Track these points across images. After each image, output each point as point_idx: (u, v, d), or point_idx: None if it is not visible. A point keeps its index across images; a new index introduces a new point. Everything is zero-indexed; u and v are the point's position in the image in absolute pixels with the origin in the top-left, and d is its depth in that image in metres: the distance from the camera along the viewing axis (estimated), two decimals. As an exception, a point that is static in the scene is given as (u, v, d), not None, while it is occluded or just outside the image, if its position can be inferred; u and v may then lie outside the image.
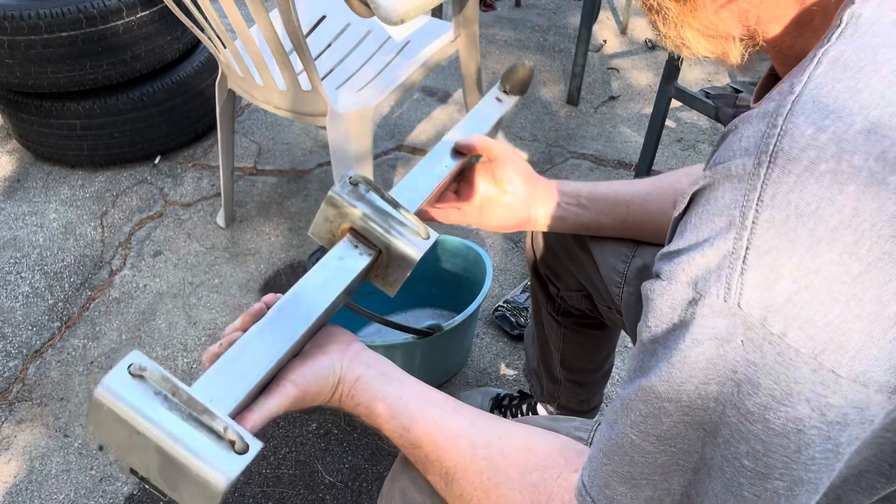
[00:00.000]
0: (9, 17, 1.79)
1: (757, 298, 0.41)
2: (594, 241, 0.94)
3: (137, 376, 0.49)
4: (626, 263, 0.90)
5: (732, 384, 0.43)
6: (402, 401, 0.63)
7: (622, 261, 0.90)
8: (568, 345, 1.14)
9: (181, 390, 0.49)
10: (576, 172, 2.15)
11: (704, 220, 0.45)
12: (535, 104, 2.47)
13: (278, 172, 2.16)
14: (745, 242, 0.42)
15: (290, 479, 1.36)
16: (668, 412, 0.45)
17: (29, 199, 2.05)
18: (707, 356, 0.43)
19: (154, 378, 0.49)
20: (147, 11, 1.93)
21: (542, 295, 1.11)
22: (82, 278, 1.80)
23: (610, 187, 0.89)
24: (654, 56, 2.75)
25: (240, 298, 1.74)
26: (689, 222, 0.46)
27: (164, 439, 0.47)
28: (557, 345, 1.15)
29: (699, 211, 0.46)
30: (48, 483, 1.36)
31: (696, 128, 2.36)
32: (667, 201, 0.85)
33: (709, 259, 0.43)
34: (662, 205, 0.85)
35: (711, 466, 0.45)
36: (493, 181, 0.86)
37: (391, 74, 1.58)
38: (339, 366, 0.63)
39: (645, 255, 0.88)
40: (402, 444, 0.63)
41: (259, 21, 1.30)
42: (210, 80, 2.17)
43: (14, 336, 1.65)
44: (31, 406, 1.50)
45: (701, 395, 0.44)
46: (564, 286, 1.05)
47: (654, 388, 0.46)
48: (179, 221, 1.97)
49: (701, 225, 0.45)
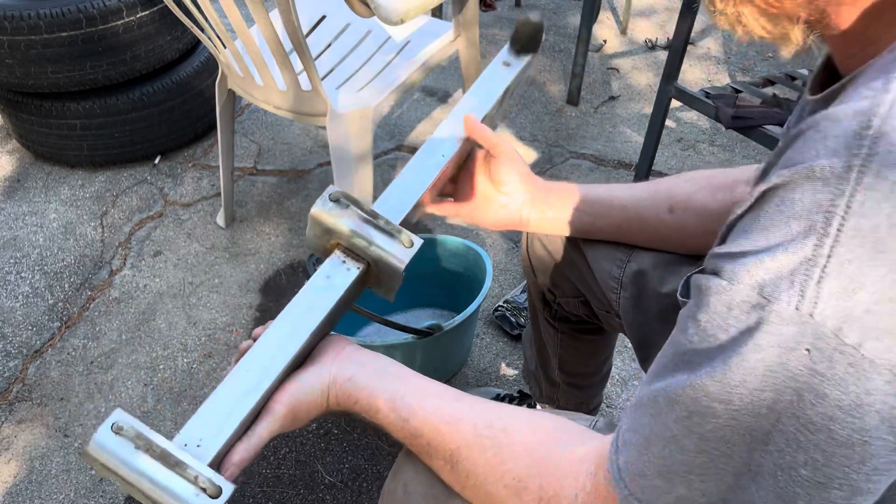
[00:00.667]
0: (9, 17, 1.79)
1: (833, 308, 0.40)
2: (589, 245, 0.93)
3: (119, 433, 0.56)
4: (620, 269, 0.89)
5: (792, 393, 0.41)
6: (400, 394, 0.63)
7: (617, 266, 0.90)
8: (566, 350, 1.14)
9: (155, 445, 0.56)
10: (576, 172, 2.15)
11: (777, 222, 0.43)
12: (535, 104, 2.47)
13: (278, 172, 2.16)
14: (826, 250, 0.40)
15: (290, 479, 1.36)
16: (717, 413, 0.44)
17: (29, 199, 2.05)
18: (767, 363, 0.42)
19: (131, 436, 0.56)
20: (147, 11, 1.93)
21: (538, 301, 1.10)
22: (82, 278, 1.80)
23: (606, 191, 0.88)
24: (654, 56, 2.76)
25: (240, 298, 1.74)
26: (758, 223, 0.44)
27: (146, 486, 0.55)
28: (555, 350, 1.14)
29: (770, 212, 0.43)
30: (48, 483, 1.36)
31: (696, 128, 2.36)
32: (661, 207, 0.84)
33: (780, 264, 0.41)
34: (657, 210, 0.84)
35: (760, 473, 0.44)
36: (490, 179, 0.86)
37: (391, 74, 1.58)
38: (326, 371, 0.64)
39: (640, 260, 0.88)
40: (403, 436, 0.63)
41: (259, 21, 1.30)
42: (210, 80, 2.17)
43: (14, 336, 1.65)
44: (31, 406, 1.50)
45: (754, 402, 0.42)
46: (561, 292, 1.04)
47: (705, 387, 0.44)
48: (179, 221, 1.97)
49: (773, 227, 0.43)
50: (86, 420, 1.47)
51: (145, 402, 1.51)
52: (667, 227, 0.84)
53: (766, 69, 2.67)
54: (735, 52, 2.79)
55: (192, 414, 0.59)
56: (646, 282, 0.86)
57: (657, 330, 0.86)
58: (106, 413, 1.48)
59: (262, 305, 1.72)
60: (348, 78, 1.60)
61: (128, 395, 1.52)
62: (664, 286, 0.84)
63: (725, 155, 2.24)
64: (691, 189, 0.83)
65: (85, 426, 1.46)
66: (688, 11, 1.70)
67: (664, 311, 0.85)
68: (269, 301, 1.73)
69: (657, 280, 0.85)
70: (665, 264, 0.86)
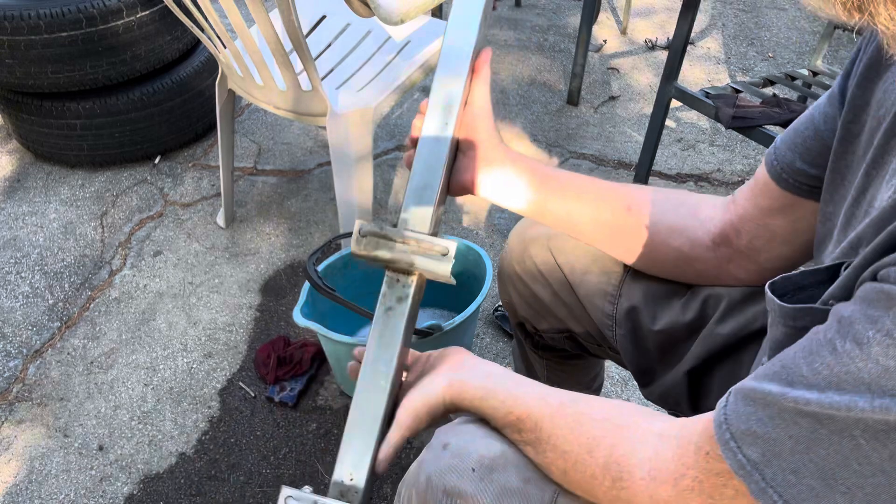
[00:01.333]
0: (9, 17, 1.79)
1: None
2: (577, 282, 0.91)
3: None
4: (612, 305, 0.88)
5: None
6: (500, 385, 0.68)
7: (609, 302, 0.88)
8: (552, 372, 1.12)
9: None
10: (576, 172, 2.15)
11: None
12: (535, 104, 2.47)
13: (278, 172, 2.16)
14: None
15: (290, 479, 1.36)
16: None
17: (29, 199, 2.06)
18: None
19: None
20: (147, 11, 1.93)
21: (520, 332, 1.08)
22: (82, 278, 1.80)
23: (567, 175, 0.84)
24: (654, 56, 2.76)
25: (240, 298, 1.74)
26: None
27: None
28: (542, 373, 1.13)
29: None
30: (48, 483, 1.36)
31: (696, 128, 2.36)
32: (620, 203, 0.81)
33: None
34: (615, 206, 0.81)
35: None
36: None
37: (391, 74, 1.58)
38: (442, 378, 0.70)
39: (630, 295, 0.86)
40: (499, 416, 0.67)
41: (259, 21, 1.30)
42: (210, 80, 2.17)
43: (14, 336, 1.65)
44: (31, 406, 1.50)
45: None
46: (545, 328, 1.01)
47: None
48: (179, 221, 1.97)
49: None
50: (86, 420, 1.47)
51: (145, 402, 1.51)
52: (622, 228, 0.81)
53: (766, 69, 2.67)
54: (735, 52, 2.79)
55: (337, 448, 0.68)
56: (639, 319, 0.86)
57: (657, 359, 0.87)
58: (107, 413, 1.48)
59: (262, 305, 1.72)
60: (348, 78, 1.60)
61: (128, 395, 1.52)
62: (656, 323, 0.84)
63: (725, 155, 2.24)
64: (654, 197, 0.81)
65: (85, 426, 1.46)
66: (688, 11, 1.70)
67: (661, 345, 0.85)
68: (269, 301, 1.73)
69: (649, 318, 0.85)
70: (655, 299, 0.85)
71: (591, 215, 0.82)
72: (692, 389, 0.84)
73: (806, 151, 0.67)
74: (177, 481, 1.36)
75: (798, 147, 0.67)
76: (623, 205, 0.81)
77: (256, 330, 1.66)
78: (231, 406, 1.50)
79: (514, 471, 0.65)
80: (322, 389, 1.53)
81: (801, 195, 0.69)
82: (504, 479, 0.64)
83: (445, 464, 0.67)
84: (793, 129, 0.69)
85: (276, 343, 1.58)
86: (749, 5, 3.13)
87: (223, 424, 1.46)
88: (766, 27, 2.96)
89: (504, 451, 0.66)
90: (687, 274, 0.83)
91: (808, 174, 0.67)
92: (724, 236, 0.77)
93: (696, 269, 0.81)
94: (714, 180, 2.14)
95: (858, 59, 0.61)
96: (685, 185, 2.11)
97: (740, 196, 0.76)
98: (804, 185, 0.68)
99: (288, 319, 1.68)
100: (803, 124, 0.68)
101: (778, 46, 2.83)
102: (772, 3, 3.15)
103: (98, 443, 1.43)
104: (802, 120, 0.68)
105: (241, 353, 1.60)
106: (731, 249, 0.77)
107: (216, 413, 1.48)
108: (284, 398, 1.48)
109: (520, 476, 0.65)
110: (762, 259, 0.76)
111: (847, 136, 0.60)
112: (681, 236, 0.80)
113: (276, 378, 1.51)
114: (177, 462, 1.40)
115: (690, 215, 0.79)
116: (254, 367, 1.57)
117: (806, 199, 0.68)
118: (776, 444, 0.47)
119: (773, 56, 2.76)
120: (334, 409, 1.49)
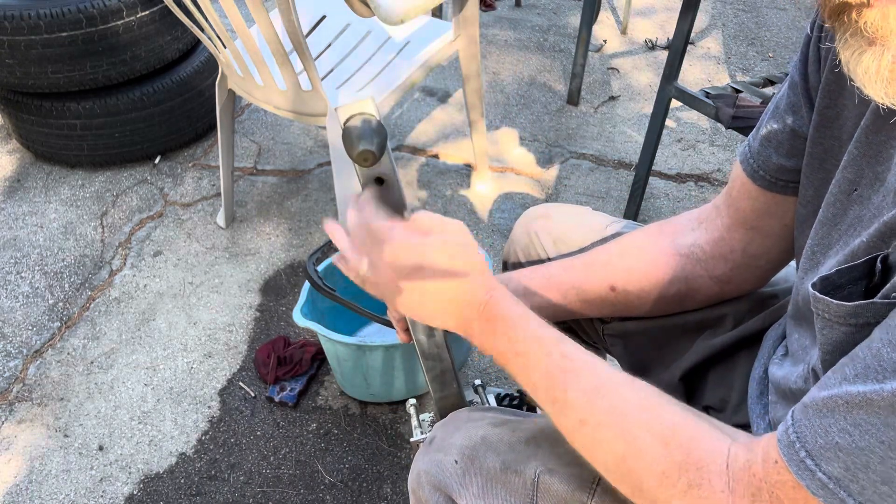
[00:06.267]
0: (9, 17, 1.79)
1: None
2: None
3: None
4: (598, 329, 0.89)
5: None
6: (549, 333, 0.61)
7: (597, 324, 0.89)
8: None
9: None
10: (576, 172, 2.15)
11: None
12: (535, 104, 2.47)
13: (278, 172, 2.16)
14: None
15: (290, 479, 1.36)
16: None
17: (29, 199, 2.05)
18: None
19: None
20: (147, 11, 1.93)
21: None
22: (82, 278, 1.80)
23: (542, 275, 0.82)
24: (654, 56, 2.76)
25: (240, 298, 1.74)
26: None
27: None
28: None
29: None
30: (48, 483, 1.36)
31: (696, 128, 2.36)
32: (602, 286, 0.79)
33: None
34: (598, 289, 0.79)
35: None
36: None
37: (391, 74, 1.58)
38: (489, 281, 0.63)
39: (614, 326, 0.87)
40: (546, 363, 0.58)
41: (259, 21, 1.30)
42: (210, 80, 2.17)
43: (14, 336, 1.65)
44: (31, 406, 1.50)
45: None
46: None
47: None
48: (179, 221, 1.97)
49: None
50: (86, 420, 1.47)
51: (145, 402, 1.51)
52: (612, 303, 0.81)
53: (766, 69, 2.67)
54: (735, 52, 2.79)
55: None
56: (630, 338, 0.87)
57: (655, 358, 0.86)
58: (107, 413, 1.48)
59: (262, 305, 1.72)
60: (348, 78, 1.60)
61: (128, 395, 1.52)
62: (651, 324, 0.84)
63: (725, 155, 2.24)
64: (629, 264, 0.79)
65: (85, 426, 1.46)
66: (688, 11, 1.69)
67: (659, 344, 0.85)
68: (269, 301, 1.73)
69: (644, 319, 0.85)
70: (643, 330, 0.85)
71: (580, 304, 0.81)
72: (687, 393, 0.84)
73: (779, 145, 0.65)
74: (177, 481, 1.36)
75: (771, 142, 0.66)
76: (606, 285, 0.79)
77: (256, 330, 1.66)
78: (231, 406, 1.50)
79: (493, 455, 0.64)
80: (322, 389, 1.53)
81: (783, 192, 0.67)
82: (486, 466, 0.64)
83: (431, 459, 0.67)
84: (762, 124, 0.68)
85: (276, 343, 1.58)
86: (749, 5, 3.13)
87: (223, 424, 1.46)
88: (766, 27, 2.96)
89: (485, 437, 0.65)
90: (694, 303, 0.81)
91: (785, 168, 0.66)
92: (718, 257, 0.75)
93: (698, 300, 0.80)
94: (714, 180, 2.14)
95: (812, 44, 0.60)
96: (685, 185, 2.11)
97: (722, 205, 0.74)
98: (781, 180, 0.66)
99: (288, 319, 1.68)
100: (772, 119, 0.66)
101: (778, 46, 2.83)
102: (772, 3, 3.15)
103: (98, 443, 1.43)
104: (770, 115, 0.67)
105: (241, 353, 1.60)
106: (728, 266, 0.75)
107: (216, 413, 1.48)
108: (284, 398, 1.48)
109: (498, 459, 0.64)
110: (763, 262, 0.74)
111: (823, 121, 0.59)
112: (674, 283, 0.78)
113: (276, 378, 1.51)
114: (177, 462, 1.40)
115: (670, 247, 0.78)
116: (254, 367, 1.57)
117: (790, 196, 0.67)
118: (863, 453, 0.42)
119: (773, 56, 2.76)
120: (334, 409, 1.49)
